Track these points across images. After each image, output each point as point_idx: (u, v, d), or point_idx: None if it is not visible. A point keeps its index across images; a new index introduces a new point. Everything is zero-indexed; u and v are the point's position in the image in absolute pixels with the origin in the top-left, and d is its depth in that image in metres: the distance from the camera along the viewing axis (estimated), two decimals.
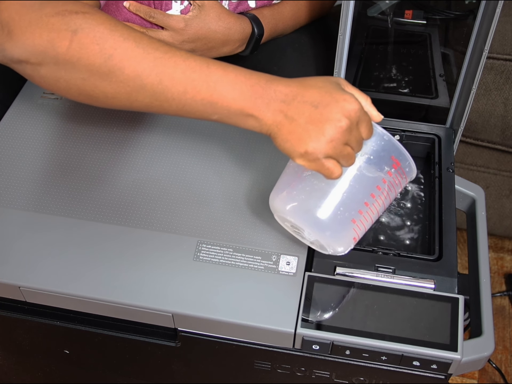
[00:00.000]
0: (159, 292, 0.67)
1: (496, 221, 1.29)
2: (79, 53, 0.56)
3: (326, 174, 0.57)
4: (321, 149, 0.55)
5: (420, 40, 0.83)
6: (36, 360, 0.85)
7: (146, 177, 0.76)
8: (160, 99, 0.58)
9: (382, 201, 0.63)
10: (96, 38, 0.56)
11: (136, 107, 0.60)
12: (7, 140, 0.81)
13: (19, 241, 0.71)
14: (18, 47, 0.57)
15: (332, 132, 0.55)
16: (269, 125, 0.57)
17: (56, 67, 0.57)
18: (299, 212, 0.62)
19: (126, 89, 0.57)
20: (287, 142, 0.57)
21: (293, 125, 0.56)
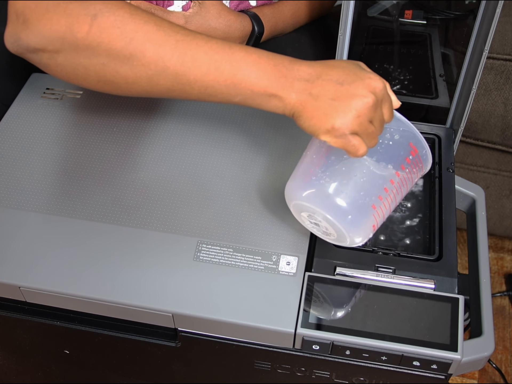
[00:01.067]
0: (159, 292, 0.67)
1: (496, 221, 1.29)
2: (99, 38, 0.55)
3: (352, 151, 0.56)
4: (348, 124, 0.55)
5: (420, 40, 0.83)
6: (36, 360, 0.85)
7: (146, 177, 0.76)
8: (182, 82, 0.57)
9: (400, 188, 0.62)
10: (117, 21, 0.55)
11: (157, 92, 0.59)
12: (7, 140, 0.81)
13: (19, 241, 0.71)
14: (35, 35, 0.56)
15: (359, 108, 0.55)
16: (293, 104, 0.56)
17: (75, 54, 0.56)
18: (318, 198, 0.60)
19: (148, 73, 0.56)
20: (312, 119, 0.56)
21: (319, 102, 0.55)
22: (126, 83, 0.58)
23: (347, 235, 0.62)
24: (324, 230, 0.64)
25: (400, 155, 0.61)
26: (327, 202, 0.60)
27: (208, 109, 0.84)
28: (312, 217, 0.63)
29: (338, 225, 0.61)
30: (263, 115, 0.83)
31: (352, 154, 0.57)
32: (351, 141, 0.56)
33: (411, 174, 0.62)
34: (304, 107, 0.56)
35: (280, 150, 0.79)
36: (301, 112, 0.57)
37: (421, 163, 0.63)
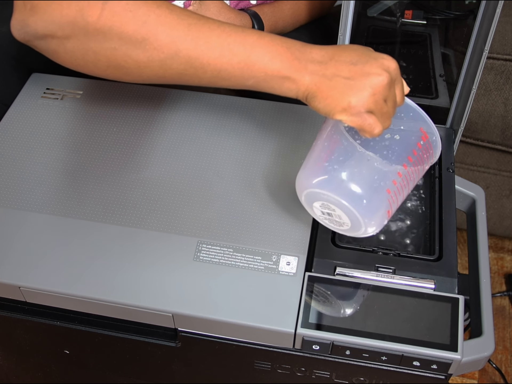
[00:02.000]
0: (159, 292, 0.67)
1: (496, 221, 1.29)
2: (111, 21, 0.54)
3: (368, 130, 0.56)
4: (364, 102, 0.55)
5: (420, 40, 0.83)
6: (36, 360, 0.85)
7: (146, 177, 0.76)
8: (195, 66, 0.56)
9: (413, 174, 0.61)
10: (129, 5, 0.54)
11: (169, 77, 0.58)
12: (7, 140, 0.81)
13: (19, 241, 0.71)
14: (44, 21, 0.55)
15: (375, 86, 0.55)
16: (306, 85, 0.56)
17: (85, 39, 0.55)
18: (332, 184, 0.59)
19: (160, 56, 0.56)
20: (327, 99, 0.56)
21: (334, 82, 0.55)
22: (138, 67, 0.57)
23: (362, 221, 0.60)
24: (337, 219, 0.62)
25: (412, 140, 0.61)
26: (342, 188, 0.59)
27: (208, 109, 0.84)
28: (325, 206, 0.61)
29: (353, 211, 0.59)
30: (263, 116, 0.83)
31: (368, 133, 0.57)
32: (367, 119, 0.56)
33: (422, 160, 0.62)
34: (319, 87, 0.56)
35: (281, 150, 0.79)
36: (315, 93, 0.56)
37: (431, 149, 0.62)
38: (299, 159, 0.78)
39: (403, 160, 0.61)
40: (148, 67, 0.57)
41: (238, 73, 0.57)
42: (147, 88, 0.87)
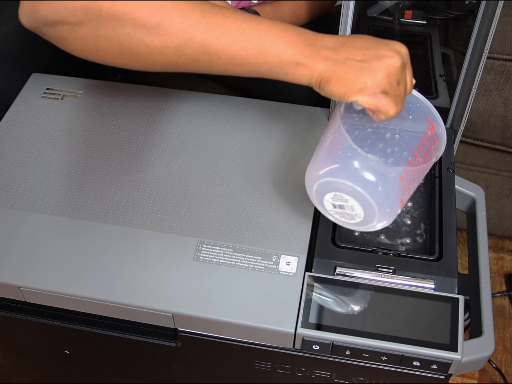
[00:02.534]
0: (159, 292, 0.67)
1: (496, 221, 1.29)
2: (125, 7, 0.53)
3: (383, 110, 0.56)
4: (379, 83, 0.55)
5: (420, 40, 0.83)
6: (36, 360, 0.85)
7: (146, 177, 0.76)
8: (209, 52, 0.56)
9: (422, 163, 0.61)
10: None
11: (182, 63, 0.57)
12: (7, 140, 0.81)
13: (19, 241, 0.71)
14: (55, 7, 0.54)
15: (389, 67, 0.56)
16: (320, 70, 0.56)
17: (98, 24, 0.54)
18: (346, 171, 0.58)
19: (175, 42, 0.55)
20: (342, 81, 0.56)
21: (348, 65, 0.56)
22: (151, 54, 0.56)
23: (376, 209, 0.59)
24: (349, 212, 0.61)
25: (420, 129, 0.61)
26: (356, 175, 0.58)
27: (208, 109, 0.84)
28: (337, 197, 0.60)
29: (368, 198, 0.58)
30: (263, 116, 0.83)
31: (383, 115, 0.57)
32: (382, 100, 0.56)
33: (430, 150, 0.62)
34: (333, 71, 0.56)
35: (281, 150, 0.79)
36: (329, 77, 0.56)
37: (438, 141, 0.62)
38: (300, 159, 0.78)
39: (414, 148, 0.61)
40: (161, 54, 0.56)
41: (252, 59, 0.56)
42: (147, 88, 0.87)
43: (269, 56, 0.56)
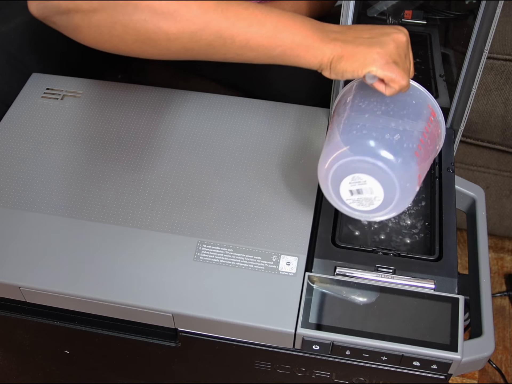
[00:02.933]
0: (159, 292, 0.67)
1: (496, 221, 1.29)
2: None
3: (397, 79, 0.58)
4: (390, 53, 0.58)
5: (420, 40, 0.83)
6: (36, 360, 0.85)
7: (146, 177, 0.76)
8: (224, 36, 0.57)
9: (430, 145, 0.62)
10: None
11: (197, 49, 0.58)
12: (7, 140, 0.81)
13: (19, 241, 0.71)
14: None
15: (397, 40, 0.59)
16: (331, 49, 0.58)
17: (114, 11, 0.54)
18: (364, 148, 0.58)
19: (191, 28, 0.56)
20: (354, 55, 0.58)
21: (357, 42, 0.59)
22: (168, 40, 0.56)
23: (397, 185, 0.59)
24: (368, 196, 0.61)
25: (424, 113, 0.62)
26: (374, 151, 0.58)
27: (208, 110, 0.84)
28: (355, 180, 0.60)
29: (389, 172, 0.58)
30: (264, 116, 0.83)
31: (397, 84, 0.58)
32: (394, 69, 0.58)
33: (435, 135, 0.62)
34: (344, 48, 0.58)
35: (281, 150, 0.79)
36: (340, 55, 0.58)
37: (439, 129, 0.63)
38: (300, 159, 0.78)
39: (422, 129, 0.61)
40: (178, 39, 0.56)
41: (265, 42, 0.58)
42: (147, 89, 0.87)
43: (282, 39, 0.58)
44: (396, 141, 0.59)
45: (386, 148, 0.58)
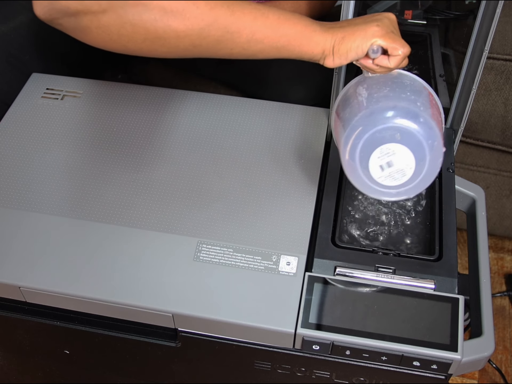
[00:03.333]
0: (159, 292, 0.67)
1: (496, 221, 1.29)
2: None
3: (400, 46, 0.61)
4: (387, 25, 0.62)
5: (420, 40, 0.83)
6: (36, 360, 0.85)
7: (146, 177, 0.76)
8: (231, 31, 0.59)
9: (437, 113, 0.64)
10: None
11: (205, 45, 0.60)
12: (7, 140, 0.81)
13: (19, 241, 0.71)
14: None
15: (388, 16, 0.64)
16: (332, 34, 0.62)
17: (123, 11, 0.55)
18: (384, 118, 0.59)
19: (200, 24, 0.57)
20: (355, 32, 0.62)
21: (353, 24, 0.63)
22: (177, 37, 0.57)
23: (425, 144, 0.59)
24: (399, 166, 0.61)
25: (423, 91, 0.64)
26: (395, 117, 0.59)
27: (208, 109, 0.84)
28: (384, 152, 0.60)
29: (414, 132, 0.59)
30: (264, 115, 0.83)
31: (400, 49, 0.61)
32: (395, 37, 0.62)
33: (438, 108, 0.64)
34: (344, 30, 0.62)
35: (281, 150, 0.79)
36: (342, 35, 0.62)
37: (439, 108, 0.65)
38: (300, 159, 0.78)
39: (427, 94, 0.64)
40: (187, 36, 0.58)
41: (271, 33, 0.61)
42: (147, 89, 0.87)
43: (285, 29, 0.61)
44: (413, 105, 0.60)
45: (405, 112, 0.59)
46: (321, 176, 0.77)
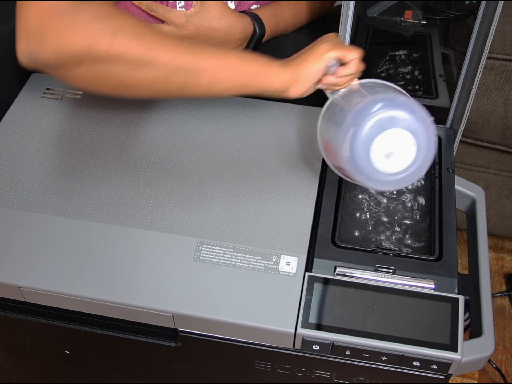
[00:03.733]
0: (159, 292, 0.67)
1: (496, 221, 1.29)
2: (120, 50, 0.59)
3: (350, 51, 0.66)
4: (333, 40, 0.67)
5: (420, 40, 0.83)
6: (36, 360, 0.85)
7: (146, 177, 0.76)
8: (194, 74, 0.63)
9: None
10: (136, 34, 0.60)
11: (172, 89, 0.64)
12: (7, 140, 0.81)
13: (19, 241, 0.71)
14: (55, 52, 0.59)
15: (331, 34, 0.69)
16: (288, 66, 0.66)
17: (95, 65, 0.60)
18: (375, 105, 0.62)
19: (165, 72, 0.61)
20: (309, 56, 0.66)
21: (304, 51, 0.67)
22: (145, 85, 0.63)
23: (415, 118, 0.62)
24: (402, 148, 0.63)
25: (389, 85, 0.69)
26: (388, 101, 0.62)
27: (208, 109, 0.84)
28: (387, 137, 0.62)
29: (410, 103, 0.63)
30: (264, 115, 0.83)
31: (353, 54, 0.66)
32: (344, 46, 0.67)
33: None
34: (297, 61, 0.66)
35: (281, 150, 0.79)
36: (297, 64, 0.66)
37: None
38: (300, 159, 0.78)
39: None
40: (154, 84, 0.63)
41: (232, 72, 0.64)
42: None
43: (246, 67, 0.65)
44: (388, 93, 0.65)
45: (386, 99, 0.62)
46: (321, 176, 0.77)
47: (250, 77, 0.65)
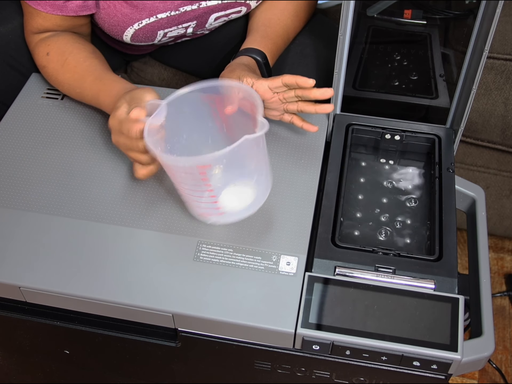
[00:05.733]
0: (159, 292, 0.67)
1: (496, 221, 1.29)
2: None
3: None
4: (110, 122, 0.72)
5: (420, 40, 0.83)
6: (37, 360, 0.85)
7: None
8: (82, 94, 0.81)
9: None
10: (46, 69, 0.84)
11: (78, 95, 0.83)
12: (7, 140, 0.81)
13: (19, 241, 0.71)
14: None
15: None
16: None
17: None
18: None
19: (76, 91, 0.82)
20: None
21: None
22: (62, 89, 0.84)
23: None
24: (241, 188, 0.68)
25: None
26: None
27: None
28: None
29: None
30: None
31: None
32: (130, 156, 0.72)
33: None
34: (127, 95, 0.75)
35: (280, 150, 0.79)
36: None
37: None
38: (300, 159, 0.78)
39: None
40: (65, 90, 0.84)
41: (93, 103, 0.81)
42: None
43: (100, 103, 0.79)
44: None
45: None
46: (321, 176, 0.77)
47: (105, 109, 0.78)
